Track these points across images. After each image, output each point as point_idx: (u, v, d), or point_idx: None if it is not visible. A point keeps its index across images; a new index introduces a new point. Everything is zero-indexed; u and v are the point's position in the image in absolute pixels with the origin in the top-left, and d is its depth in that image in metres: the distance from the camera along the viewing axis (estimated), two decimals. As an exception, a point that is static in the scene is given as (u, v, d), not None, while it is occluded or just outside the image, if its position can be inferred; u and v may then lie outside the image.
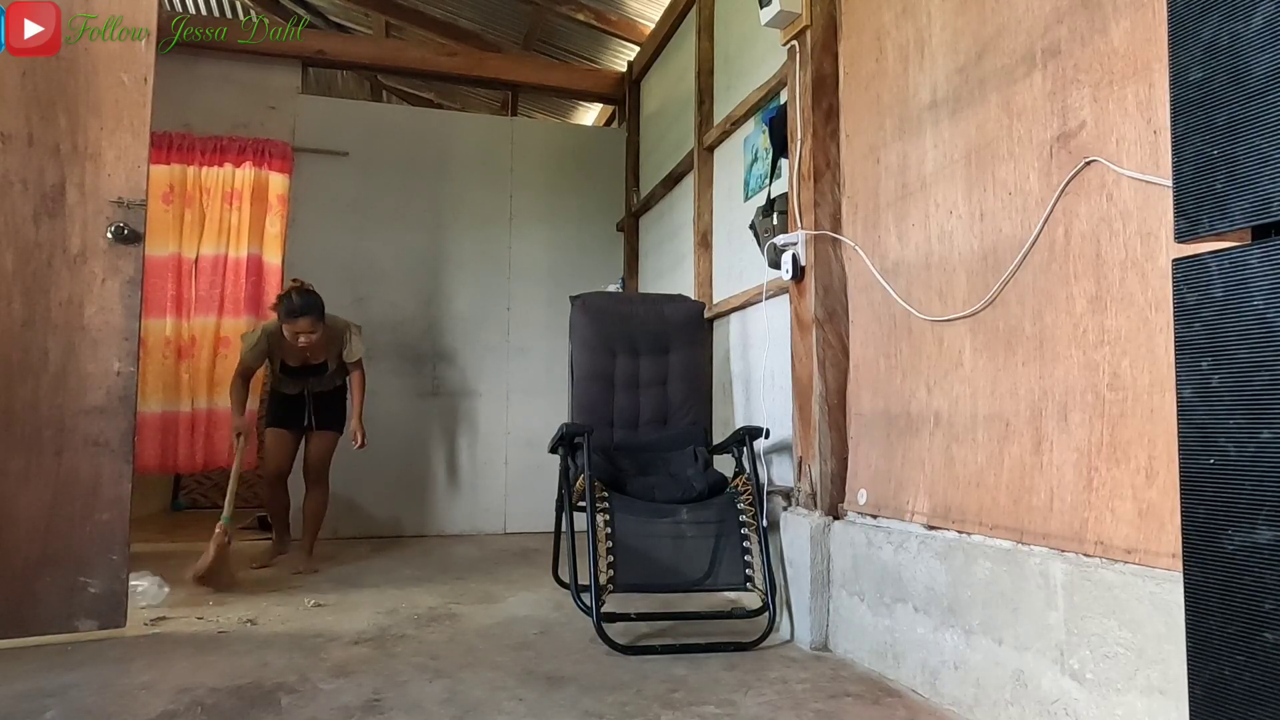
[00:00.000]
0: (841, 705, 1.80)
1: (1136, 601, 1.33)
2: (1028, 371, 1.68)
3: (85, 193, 2.31)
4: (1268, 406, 0.75)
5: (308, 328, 3.20)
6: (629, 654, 2.17)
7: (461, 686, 1.90)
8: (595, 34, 5.03)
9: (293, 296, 3.22)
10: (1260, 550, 0.75)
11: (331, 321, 3.35)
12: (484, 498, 4.58)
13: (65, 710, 1.72)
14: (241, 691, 1.85)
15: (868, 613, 2.08)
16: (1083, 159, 1.55)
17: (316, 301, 3.25)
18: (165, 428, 4.13)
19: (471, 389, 4.61)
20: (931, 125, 2.02)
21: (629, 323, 3.11)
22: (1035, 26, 1.69)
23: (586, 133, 5.68)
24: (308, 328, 3.20)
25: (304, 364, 3.41)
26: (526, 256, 4.79)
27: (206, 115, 4.32)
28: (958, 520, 1.86)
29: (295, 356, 3.37)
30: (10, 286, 2.22)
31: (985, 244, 1.82)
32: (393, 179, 4.58)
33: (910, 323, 2.07)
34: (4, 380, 2.20)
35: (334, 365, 3.48)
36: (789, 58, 2.52)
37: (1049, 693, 1.51)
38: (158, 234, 4.05)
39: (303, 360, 3.40)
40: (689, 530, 2.46)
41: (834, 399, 2.33)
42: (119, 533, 2.30)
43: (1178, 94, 0.86)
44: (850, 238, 2.34)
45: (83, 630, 2.25)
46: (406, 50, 4.90)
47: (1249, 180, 0.78)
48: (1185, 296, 0.83)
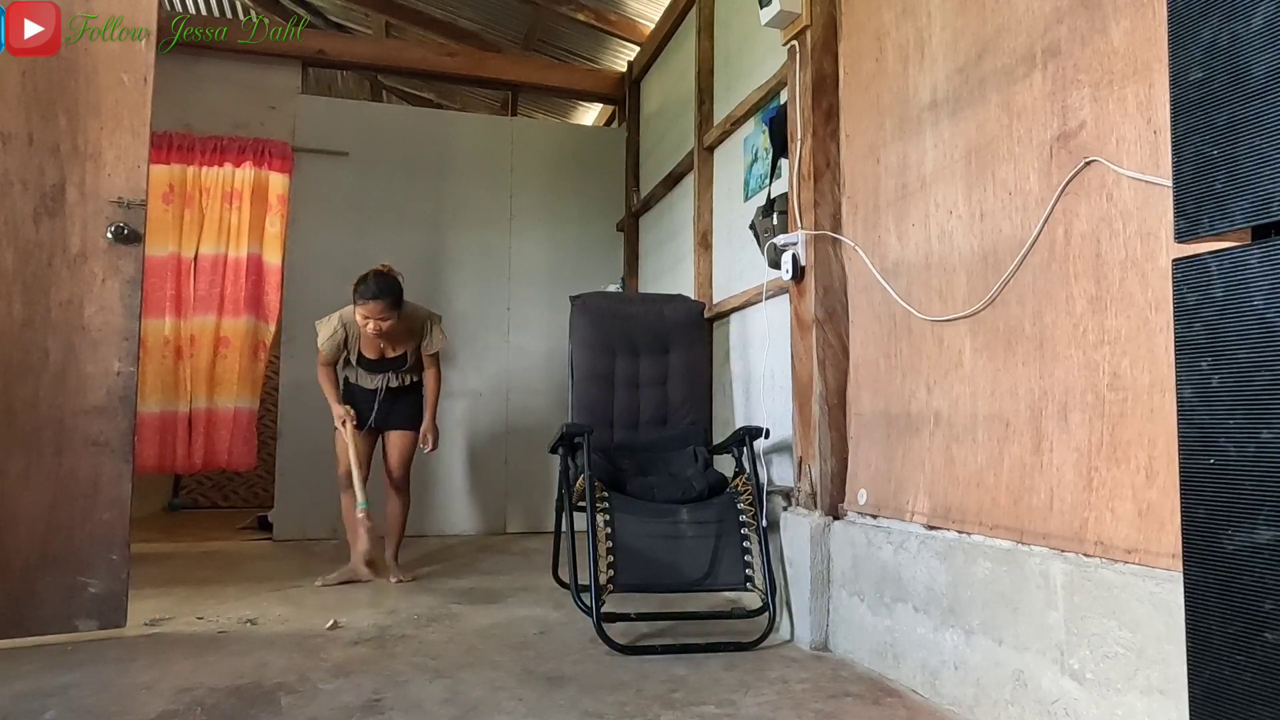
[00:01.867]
0: (841, 705, 1.80)
1: (1136, 601, 1.33)
2: (1028, 371, 1.68)
3: (85, 192, 2.31)
4: (1268, 406, 0.75)
5: (379, 313, 3.01)
6: (629, 654, 2.17)
7: (461, 686, 1.90)
8: (595, 34, 5.03)
9: (370, 278, 3.04)
10: (1260, 550, 0.75)
11: (411, 311, 3.18)
12: (484, 498, 4.58)
13: (65, 710, 1.72)
14: (241, 691, 1.85)
15: (868, 613, 2.08)
16: (1083, 159, 1.55)
17: (394, 286, 3.06)
18: (164, 428, 4.13)
19: (471, 389, 4.61)
20: (931, 125, 2.02)
21: (629, 323, 3.11)
22: (1035, 26, 1.69)
23: (586, 133, 5.68)
24: (379, 313, 3.01)
25: (381, 356, 3.23)
26: (526, 256, 4.79)
27: (206, 115, 4.32)
28: (958, 520, 1.86)
29: (372, 348, 3.21)
30: (10, 286, 2.22)
31: (985, 244, 1.82)
32: (393, 179, 4.58)
33: (910, 323, 2.07)
34: (4, 380, 2.20)
35: (414, 359, 3.28)
36: (789, 58, 2.52)
37: (1049, 693, 1.51)
38: (157, 234, 4.05)
39: (379, 352, 3.22)
40: (689, 530, 2.46)
41: (834, 399, 2.33)
42: (119, 533, 2.30)
43: (1178, 94, 0.86)
44: (850, 238, 2.34)
45: (83, 630, 2.25)
46: (406, 50, 4.90)
47: (1249, 180, 0.78)
48: (1185, 296, 0.83)
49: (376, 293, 3.00)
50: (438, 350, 3.27)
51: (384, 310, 3.02)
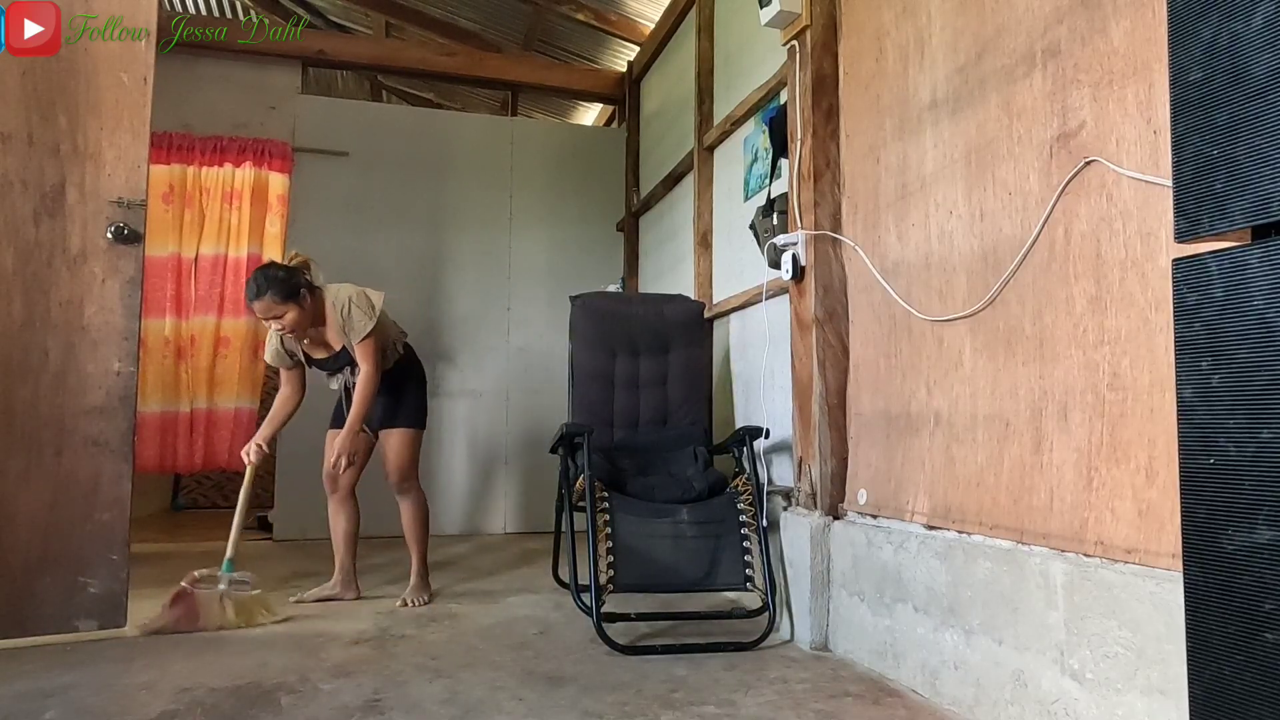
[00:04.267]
0: (841, 705, 1.80)
1: (1136, 601, 1.33)
2: (1028, 371, 1.68)
3: (85, 193, 2.31)
4: (1268, 406, 0.75)
5: (268, 312, 2.62)
6: (629, 654, 2.17)
7: (461, 686, 1.90)
8: (595, 34, 5.03)
9: (250, 279, 2.66)
10: (1260, 550, 0.75)
11: (333, 296, 2.75)
12: (484, 498, 4.58)
13: (65, 710, 1.72)
14: (241, 691, 1.85)
15: (868, 613, 2.08)
16: (1083, 159, 1.55)
17: (273, 276, 2.63)
18: (164, 428, 4.14)
19: (471, 389, 4.61)
20: (931, 125, 2.02)
21: (629, 322, 3.11)
22: (1035, 26, 1.69)
23: (586, 133, 5.68)
24: (268, 312, 2.62)
25: (329, 354, 2.85)
26: (526, 256, 4.79)
27: (206, 115, 4.32)
28: (958, 520, 1.86)
29: (313, 348, 2.86)
30: (10, 286, 2.22)
31: (985, 244, 1.82)
32: (393, 179, 4.58)
33: (910, 323, 2.07)
34: (4, 380, 2.20)
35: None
36: (789, 58, 2.52)
37: (1049, 693, 1.51)
38: (157, 234, 4.05)
39: (324, 351, 2.85)
40: (689, 530, 2.46)
41: (834, 399, 2.33)
42: (119, 533, 2.30)
43: (1178, 94, 0.85)
44: (850, 238, 2.34)
45: (83, 630, 2.25)
46: (406, 50, 4.90)
47: (1249, 180, 0.78)
48: (1185, 296, 0.83)
49: (255, 293, 2.61)
50: (365, 336, 2.70)
51: (271, 308, 2.62)
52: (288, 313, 2.64)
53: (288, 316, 2.64)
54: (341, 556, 2.92)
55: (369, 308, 2.73)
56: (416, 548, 2.95)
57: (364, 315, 2.71)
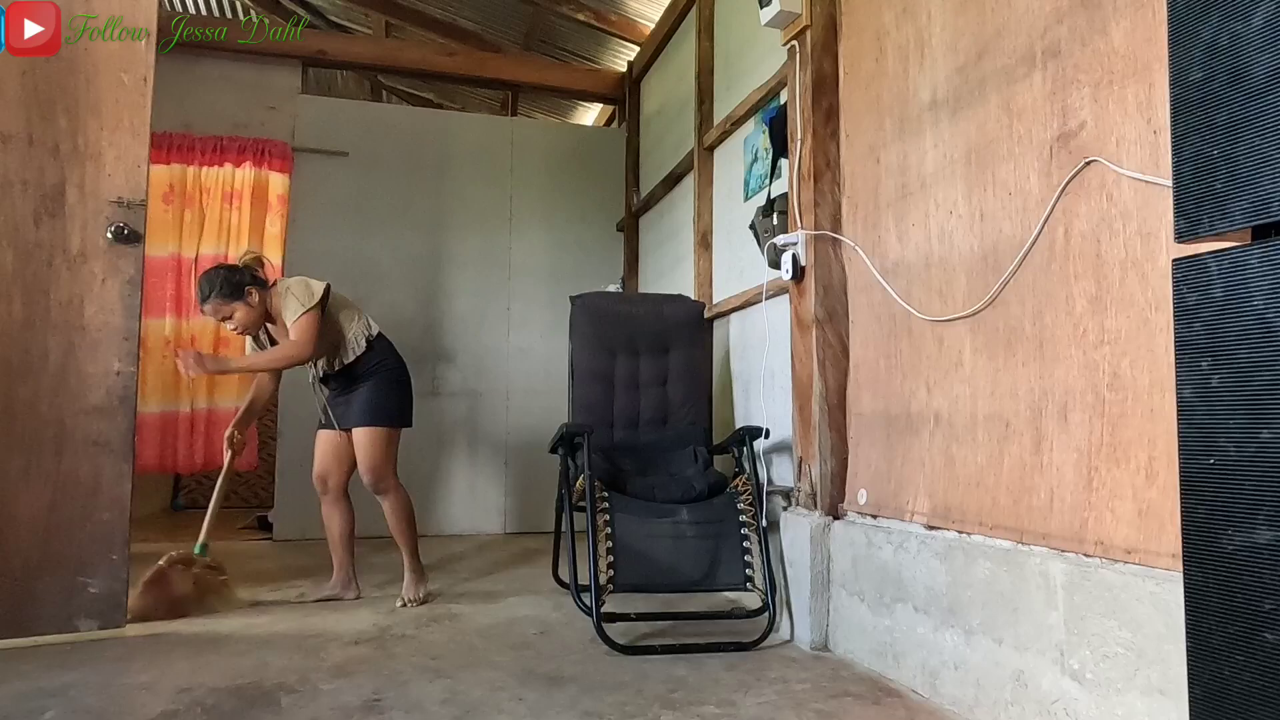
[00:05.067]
0: (841, 705, 1.80)
1: (1136, 601, 1.33)
2: (1028, 371, 1.68)
3: (85, 193, 2.31)
4: (1268, 406, 0.75)
5: (218, 313, 2.65)
6: (629, 654, 2.17)
7: (461, 686, 1.90)
8: (595, 34, 5.02)
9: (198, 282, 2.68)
10: (1260, 550, 0.75)
11: (281, 289, 2.72)
12: (484, 498, 4.58)
13: (65, 710, 1.72)
14: (241, 691, 1.85)
15: (868, 613, 2.08)
16: (1083, 159, 1.55)
17: (216, 277, 2.65)
18: (164, 428, 4.14)
19: (471, 389, 4.61)
20: (931, 125, 2.02)
21: (629, 322, 3.11)
22: (1035, 26, 1.69)
23: (586, 133, 5.68)
24: (218, 313, 2.65)
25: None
26: (526, 256, 4.79)
27: (206, 115, 4.32)
28: (958, 520, 1.86)
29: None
30: (10, 286, 2.22)
31: (985, 244, 1.82)
32: (393, 179, 4.58)
33: (910, 323, 2.07)
34: (4, 380, 2.20)
35: (323, 346, 2.80)
36: (789, 58, 2.52)
37: (1049, 693, 1.51)
38: (157, 234, 4.05)
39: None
40: (689, 530, 2.46)
41: (834, 399, 2.33)
42: (119, 533, 2.30)
43: (1178, 94, 0.86)
44: (850, 238, 2.34)
45: (83, 630, 2.25)
46: (406, 50, 4.89)
47: (1249, 180, 0.78)
48: (1185, 296, 0.83)
49: (204, 296, 2.63)
50: (297, 316, 2.66)
51: (220, 308, 2.64)
52: (235, 311, 2.66)
53: (236, 315, 2.66)
54: (340, 557, 2.94)
55: (306, 294, 2.70)
56: (405, 544, 2.91)
57: (296, 300, 2.68)
